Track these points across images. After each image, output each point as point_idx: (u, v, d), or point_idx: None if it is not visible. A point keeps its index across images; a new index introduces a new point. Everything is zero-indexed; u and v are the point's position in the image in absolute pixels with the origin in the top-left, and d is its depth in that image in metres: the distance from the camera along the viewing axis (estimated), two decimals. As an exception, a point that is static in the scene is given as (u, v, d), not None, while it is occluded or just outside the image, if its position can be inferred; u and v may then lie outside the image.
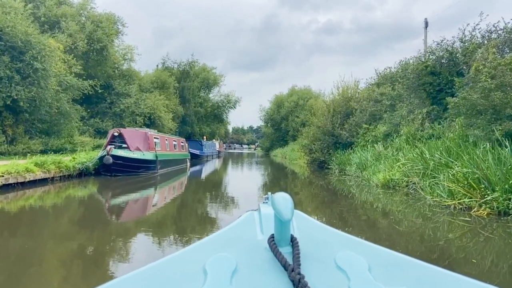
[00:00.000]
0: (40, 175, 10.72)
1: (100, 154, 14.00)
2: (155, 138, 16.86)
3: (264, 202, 1.56)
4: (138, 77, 35.03)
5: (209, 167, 26.96)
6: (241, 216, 1.48)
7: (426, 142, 11.69)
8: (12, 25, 15.97)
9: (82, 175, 13.24)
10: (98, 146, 19.78)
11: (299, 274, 0.90)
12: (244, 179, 18.80)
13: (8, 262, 4.56)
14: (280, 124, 50.32)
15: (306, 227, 1.30)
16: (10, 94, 15.56)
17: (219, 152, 48.25)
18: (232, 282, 0.94)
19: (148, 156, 15.21)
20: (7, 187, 9.63)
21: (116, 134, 14.81)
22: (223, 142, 70.65)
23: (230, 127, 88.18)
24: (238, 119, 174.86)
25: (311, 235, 1.23)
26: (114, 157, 13.54)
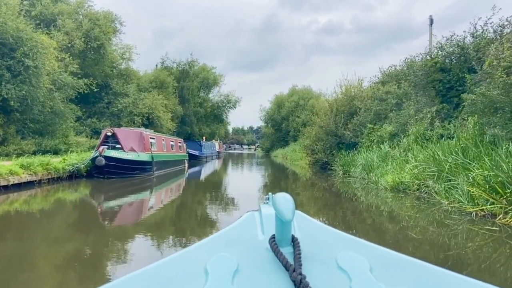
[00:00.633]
0: (25, 178, 10.05)
1: (92, 155, 13.29)
2: (151, 138, 16.13)
3: (265, 203, 1.56)
4: (137, 76, 34.44)
5: (208, 168, 26.29)
6: (242, 216, 1.47)
7: (437, 142, 11.01)
8: (2, 20, 15.30)
9: (73, 178, 12.53)
10: (94, 147, 19.06)
11: (301, 274, 0.90)
12: (244, 181, 18.12)
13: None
14: (280, 124, 49.69)
15: (307, 228, 1.30)
16: (0, 93, 14.89)
17: (219, 152, 47.54)
18: (233, 282, 0.94)
19: (143, 157, 14.49)
20: (-12, 191, 8.97)
21: (109, 134, 14.06)
22: (223, 143, 69.93)
23: (230, 128, 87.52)
24: (238, 120, 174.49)
25: (312, 236, 1.23)
26: (107, 158, 12.82)
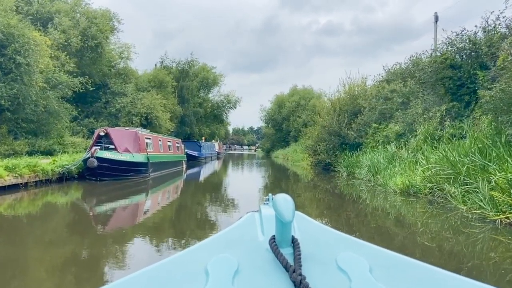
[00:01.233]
0: (10, 181, 9.40)
1: (84, 156, 12.61)
2: (147, 138, 15.42)
3: (265, 203, 1.56)
4: (135, 76, 33.86)
5: (207, 170, 25.64)
6: (242, 217, 1.46)
7: (448, 143, 10.36)
8: (-8, 16, 14.70)
9: (63, 180, 11.85)
10: (90, 148, 18.46)
11: (300, 275, 0.90)
12: (244, 183, 17.47)
13: None
14: (281, 124, 49.07)
15: (307, 228, 1.29)
16: (-11, 92, 14.27)
17: (219, 153, 46.82)
18: (233, 283, 0.94)
19: (138, 158, 13.81)
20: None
21: (102, 134, 13.34)
22: (223, 143, 69.25)
23: (230, 128, 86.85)
24: (238, 120, 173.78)
25: (312, 236, 1.23)
26: (99, 159, 12.14)
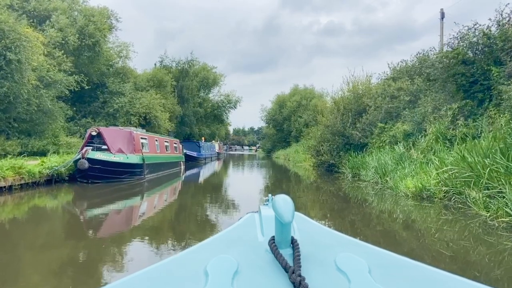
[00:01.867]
0: (-9, 184, 8.74)
1: (75, 157, 11.91)
2: (142, 138, 14.69)
3: (264, 204, 1.56)
4: (134, 75, 33.28)
5: (207, 171, 24.96)
6: (241, 218, 1.46)
7: (462, 143, 9.68)
8: (-19, 11, 14.07)
9: (52, 182, 11.15)
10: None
11: (300, 276, 0.90)
12: (244, 185, 16.78)
13: None
14: (282, 124, 48.41)
15: (307, 229, 1.29)
16: (-22, 89, 13.66)
17: (219, 154, 46.14)
18: (233, 283, 0.94)
19: (132, 159, 13.09)
20: None
21: (94, 133, 12.59)
22: (223, 144, 68.58)
23: (230, 128, 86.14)
24: (239, 121, 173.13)
25: (312, 237, 1.22)
26: (91, 161, 11.43)
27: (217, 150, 44.16)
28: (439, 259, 4.83)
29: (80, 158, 11.31)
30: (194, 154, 30.83)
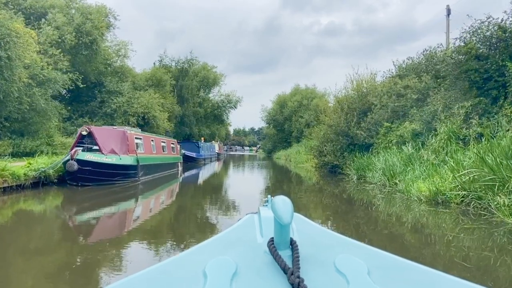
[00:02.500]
0: (-30, 187, 8.07)
1: (64, 158, 11.22)
2: (137, 138, 13.99)
3: (264, 205, 1.55)
4: (132, 74, 32.67)
5: (206, 172, 24.28)
6: (241, 219, 1.44)
7: (478, 143, 9.00)
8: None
9: (39, 185, 10.47)
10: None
11: (299, 277, 0.89)
12: (244, 187, 16.09)
13: None
14: (283, 125, 47.74)
15: (306, 231, 1.28)
16: (-35, 87, 13.03)
17: (219, 154, 45.44)
18: (232, 285, 0.93)
19: (126, 160, 12.40)
20: None
21: (84, 133, 11.91)
22: (224, 144, 67.90)
23: (231, 129, 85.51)
24: (239, 121, 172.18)
25: (311, 239, 1.21)
26: (80, 162, 10.74)
27: (217, 151, 43.47)
28: (462, 270, 4.32)
29: (69, 159, 10.62)
30: (193, 154, 30.13)
